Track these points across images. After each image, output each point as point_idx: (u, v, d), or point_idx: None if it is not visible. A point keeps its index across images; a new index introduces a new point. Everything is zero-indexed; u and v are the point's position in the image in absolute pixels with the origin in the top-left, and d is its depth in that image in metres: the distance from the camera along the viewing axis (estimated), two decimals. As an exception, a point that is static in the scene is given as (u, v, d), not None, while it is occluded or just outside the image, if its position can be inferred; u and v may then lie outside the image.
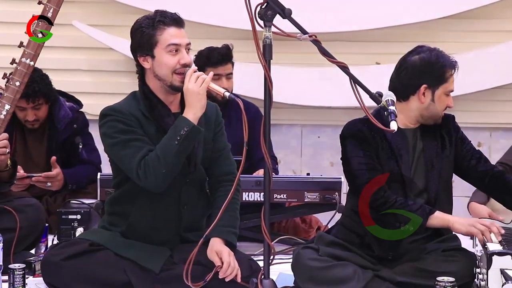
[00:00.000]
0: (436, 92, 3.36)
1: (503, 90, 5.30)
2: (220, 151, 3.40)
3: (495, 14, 5.26)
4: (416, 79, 3.35)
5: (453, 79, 3.39)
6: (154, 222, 3.32)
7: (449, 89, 3.39)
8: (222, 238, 3.23)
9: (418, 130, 3.42)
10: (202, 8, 5.19)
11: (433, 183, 3.36)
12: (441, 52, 3.40)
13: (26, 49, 3.38)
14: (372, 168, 3.31)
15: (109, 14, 5.31)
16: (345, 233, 3.43)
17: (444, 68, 3.36)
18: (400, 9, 5.22)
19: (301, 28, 2.88)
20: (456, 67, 3.39)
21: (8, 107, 3.37)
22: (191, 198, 3.35)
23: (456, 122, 3.50)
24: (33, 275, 3.56)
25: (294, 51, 5.13)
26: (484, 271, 3.04)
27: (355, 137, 3.35)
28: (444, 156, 3.40)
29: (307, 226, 4.57)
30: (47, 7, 3.38)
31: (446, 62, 3.37)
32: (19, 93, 3.38)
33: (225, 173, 3.39)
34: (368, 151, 3.33)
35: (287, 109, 5.33)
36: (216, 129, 3.41)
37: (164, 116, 3.28)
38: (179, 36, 3.25)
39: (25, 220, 3.72)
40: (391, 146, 3.34)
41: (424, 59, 3.36)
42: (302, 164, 5.49)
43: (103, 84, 5.36)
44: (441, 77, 3.36)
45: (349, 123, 3.42)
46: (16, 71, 3.38)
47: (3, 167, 3.51)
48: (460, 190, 3.77)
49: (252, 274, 3.14)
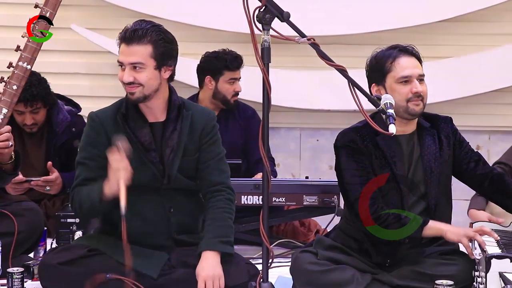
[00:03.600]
0: (386, 85, 3.31)
1: (501, 93, 5.30)
2: (206, 161, 3.35)
3: (493, 18, 5.27)
4: (369, 82, 3.36)
5: (403, 65, 3.29)
6: (144, 226, 3.31)
7: (400, 76, 3.29)
8: (210, 250, 3.22)
9: (415, 135, 3.38)
10: (201, 12, 5.19)
11: (433, 188, 3.33)
12: (383, 48, 3.37)
13: (23, 52, 3.38)
14: (365, 181, 3.28)
15: (108, 17, 5.31)
16: (343, 238, 3.42)
17: (382, 60, 3.32)
18: (399, 12, 5.22)
19: (300, 31, 2.87)
20: (397, 52, 3.31)
21: (5, 110, 3.37)
22: (176, 202, 3.34)
23: (454, 125, 3.46)
24: (32, 279, 3.56)
25: (293, 54, 5.13)
26: (483, 275, 3.03)
27: (348, 148, 3.33)
28: (443, 160, 3.37)
29: (306, 229, 4.57)
30: (43, 10, 3.37)
31: (384, 53, 3.33)
32: (16, 96, 3.38)
33: (213, 184, 3.35)
34: (361, 162, 3.30)
35: (286, 112, 5.33)
36: (203, 139, 3.36)
37: (138, 127, 3.29)
38: (124, 54, 3.27)
39: (23, 224, 3.72)
40: (385, 154, 3.31)
41: (368, 62, 3.38)
42: (301, 167, 5.49)
43: (102, 88, 5.36)
44: (382, 69, 3.31)
45: (342, 133, 3.39)
46: (13, 74, 3.38)
47: (7, 159, 3.50)
48: (460, 193, 3.76)
49: (250, 279, 3.14)
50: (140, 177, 3.22)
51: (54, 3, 3.39)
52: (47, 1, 3.37)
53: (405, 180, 3.32)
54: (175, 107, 3.33)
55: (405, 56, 3.33)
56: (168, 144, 3.30)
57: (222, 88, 4.67)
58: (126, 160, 3.10)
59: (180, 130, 3.31)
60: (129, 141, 3.21)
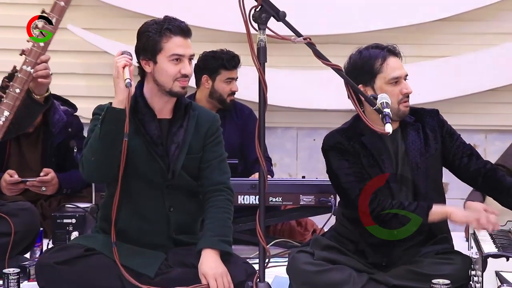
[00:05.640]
0: (375, 86, 3.28)
1: (498, 92, 5.30)
2: (209, 161, 3.38)
3: (489, 17, 5.27)
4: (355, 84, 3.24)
5: (392, 66, 3.28)
6: (142, 225, 3.32)
7: (391, 77, 3.28)
8: (211, 248, 3.22)
9: (398, 132, 3.36)
10: (197, 11, 5.18)
11: (421, 184, 3.32)
12: (366, 48, 3.33)
13: (27, 57, 3.40)
14: (360, 177, 3.29)
15: (104, 17, 5.31)
16: (339, 239, 3.42)
17: (369, 60, 3.29)
18: (395, 11, 5.22)
19: (296, 30, 2.88)
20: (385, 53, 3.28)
21: (7, 113, 3.38)
22: (177, 201, 3.35)
23: (441, 116, 3.42)
24: (28, 280, 3.55)
25: (289, 54, 5.14)
26: (479, 274, 3.04)
27: (335, 149, 3.34)
28: (429, 155, 3.35)
29: (303, 229, 4.57)
30: (50, 16, 3.38)
31: (371, 54, 3.30)
32: (18, 100, 3.39)
33: (214, 183, 3.36)
34: (351, 160, 3.31)
35: (282, 112, 5.34)
36: (208, 139, 3.39)
37: (146, 120, 3.29)
38: (184, 46, 3.27)
39: (19, 225, 3.70)
40: (372, 153, 3.31)
41: (351, 62, 3.32)
42: (297, 167, 5.49)
43: (98, 88, 5.35)
44: (371, 71, 3.28)
45: (328, 135, 3.40)
46: (17, 78, 3.40)
47: (43, 91, 3.50)
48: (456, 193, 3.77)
49: (247, 278, 3.13)
50: (147, 170, 3.26)
51: (61, 10, 3.39)
52: (54, 7, 3.38)
53: (393, 177, 3.31)
54: (182, 105, 3.37)
55: (393, 56, 3.32)
56: (174, 140, 3.33)
57: (219, 87, 4.67)
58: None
59: (186, 127, 3.34)
60: (138, 133, 3.24)
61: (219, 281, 3.16)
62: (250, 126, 4.70)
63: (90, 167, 3.20)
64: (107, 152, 3.17)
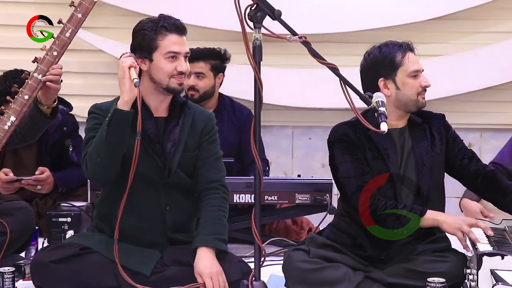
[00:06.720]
0: (397, 79, 3.36)
1: (493, 91, 5.31)
2: (204, 159, 3.39)
3: (486, 15, 5.28)
4: (372, 77, 3.37)
5: (412, 60, 3.38)
6: (138, 223, 3.32)
7: (412, 70, 3.37)
8: (206, 246, 3.23)
9: (406, 129, 3.41)
10: (193, 10, 5.18)
11: (425, 181, 3.35)
12: (386, 44, 3.41)
13: (39, 65, 3.40)
14: (360, 174, 3.31)
15: (99, 16, 5.29)
16: (337, 234, 3.43)
17: (390, 54, 3.36)
18: (390, 10, 5.23)
19: (291, 29, 2.87)
20: (405, 48, 3.38)
21: (13, 118, 3.38)
22: (173, 200, 3.35)
23: (447, 121, 3.50)
24: (23, 279, 3.55)
25: (285, 52, 5.13)
26: (475, 272, 3.04)
27: (342, 141, 3.36)
28: (435, 154, 3.39)
29: (298, 227, 4.57)
30: (66, 27, 3.39)
31: (391, 49, 3.38)
32: (26, 106, 3.40)
33: (210, 180, 3.37)
34: (355, 154, 3.33)
35: (278, 110, 5.34)
36: (203, 137, 3.40)
37: (143, 119, 3.28)
38: (179, 44, 3.29)
39: (14, 223, 3.70)
40: (378, 146, 3.34)
41: (370, 57, 3.39)
42: (293, 166, 5.49)
43: (93, 86, 5.35)
44: (392, 64, 3.36)
45: (335, 127, 3.43)
46: (26, 84, 3.40)
47: (51, 100, 3.49)
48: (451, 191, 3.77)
49: (243, 277, 3.14)
50: (144, 168, 3.25)
51: (78, 21, 3.41)
52: (71, 18, 3.40)
53: (396, 174, 3.34)
54: (178, 104, 3.38)
55: (411, 51, 3.41)
56: (169, 138, 3.34)
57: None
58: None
59: (182, 125, 3.36)
60: (134, 131, 3.21)
61: (214, 279, 3.16)
62: (248, 127, 4.67)
63: (95, 168, 3.19)
64: (113, 153, 3.18)
